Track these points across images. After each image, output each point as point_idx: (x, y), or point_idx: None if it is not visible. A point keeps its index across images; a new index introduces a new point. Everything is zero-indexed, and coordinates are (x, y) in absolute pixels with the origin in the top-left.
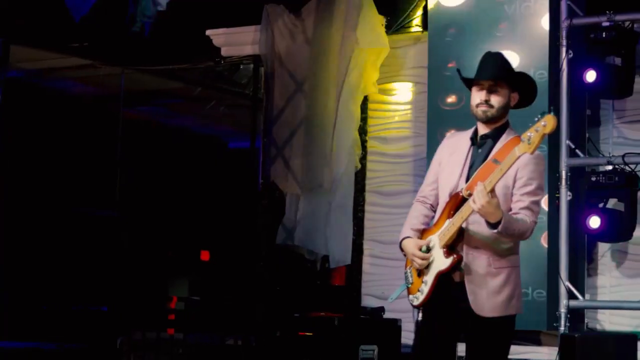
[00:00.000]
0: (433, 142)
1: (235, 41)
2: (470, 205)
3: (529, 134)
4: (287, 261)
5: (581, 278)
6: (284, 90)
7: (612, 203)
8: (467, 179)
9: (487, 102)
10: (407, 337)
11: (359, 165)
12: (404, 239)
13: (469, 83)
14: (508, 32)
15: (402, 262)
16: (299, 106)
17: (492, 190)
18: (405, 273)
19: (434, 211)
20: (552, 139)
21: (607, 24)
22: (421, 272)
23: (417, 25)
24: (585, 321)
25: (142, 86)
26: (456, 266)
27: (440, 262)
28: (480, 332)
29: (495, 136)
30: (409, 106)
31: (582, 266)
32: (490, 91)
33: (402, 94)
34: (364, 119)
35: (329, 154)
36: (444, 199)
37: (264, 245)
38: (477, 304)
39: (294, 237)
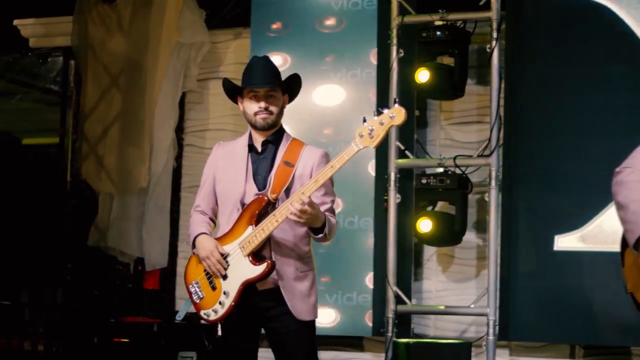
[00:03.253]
0: None
1: (45, 32)
2: (286, 210)
3: (369, 127)
4: (99, 264)
5: (408, 282)
6: (97, 84)
7: (439, 206)
8: (257, 184)
9: (266, 109)
10: None
11: (175, 164)
12: (200, 234)
13: (239, 92)
14: (335, 29)
15: None
16: (114, 101)
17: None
18: (192, 287)
19: (214, 223)
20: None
21: (439, 23)
22: (215, 285)
23: (238, 19)
24: (412, 326)
25: None
26: (269, 273)
27: (247, 270)
28: (300, 336)
29: (276, 141)
30: (229, 103)
31: (409, 270)
32: (267, 98)
33: (223, 90)
34: (181, 116)
35: (147, 152)
36: (230, 208)
37: (73, 247)
38: (296, 308)
39: (107, 238)
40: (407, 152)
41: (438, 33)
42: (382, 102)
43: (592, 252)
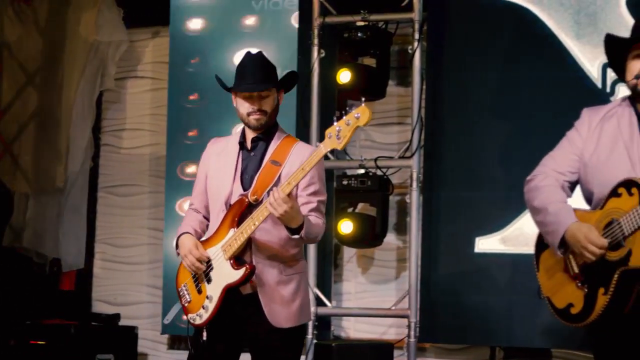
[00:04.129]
0: (173, 141)
1: None
2: (265, 211)
3: (337, 127)
4: (14, 265)
5: (328, 284)
6: (13, 82)
7: (359, 207)
8: (243, 184)
9: (260, 110)
10: (144, 345)
11: (92, 164)
12: (183, 233)
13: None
14: (256, 29)
15: (136, 267)
16: (30, 100)
17: (291, 194)
18: (180, 291)
19: (209, 220)
20: (303, 140)
21: (361, 23)
22: (201, 289)
23: (157, 17)
24: (331, 328)
25: None
26: (248, 278)
27: (228, 275)
28: (278, 344)
29: (267, 138)
30: (147, 103)
31: (329, 272)
32: (261, 98)
33: (141, 89)
34: (98, 115)
35: (63, 151)
36: (218, 209)
37: None
38: (273, 315)
39: (22, 238)
40: (327, 153)
41: (360, 34)
42: (303, 103)
43: (513, 254)
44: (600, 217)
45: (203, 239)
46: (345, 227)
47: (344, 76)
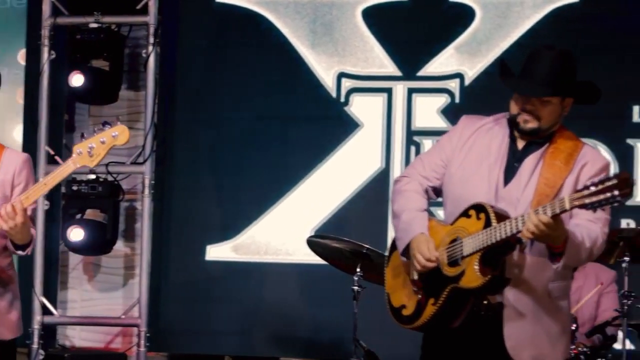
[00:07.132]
0: None
1: None
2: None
3: (90, 144)
4: None
5: (53, 292)
6: None
7: (88, 213)
8: None
9: None
10: None
11: None
12: None
13: None
14: None
15: None
16: None
17: (25, 209)
18: None
19: None
20: (30, 144)
21: (94, 25)
22: None
23: None
24: (57, 337)
25: None
26: None
27: None
28: (2, 356)
29: None
30: None
31: (55, 279)
32: None
33: None
34: None
35: None
36: None
37: None
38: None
39: None
40: (56, 157)
41: (92, 36)
42: (31, 105)
43: (245, 262)
44: (448, 232)
45: None
46: (75, 234)
47: (76, 79)
